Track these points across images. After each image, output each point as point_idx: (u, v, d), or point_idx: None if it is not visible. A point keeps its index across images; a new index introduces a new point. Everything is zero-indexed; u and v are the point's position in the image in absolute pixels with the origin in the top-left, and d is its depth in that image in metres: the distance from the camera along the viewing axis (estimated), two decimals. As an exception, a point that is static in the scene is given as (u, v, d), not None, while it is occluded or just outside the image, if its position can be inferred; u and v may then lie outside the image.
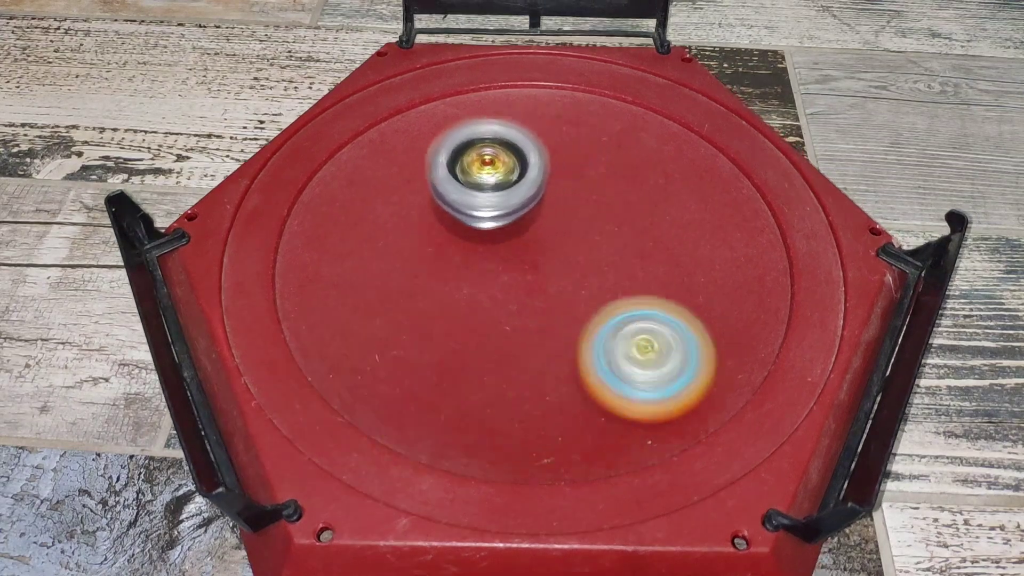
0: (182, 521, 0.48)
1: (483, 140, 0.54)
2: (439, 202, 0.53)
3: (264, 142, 0.67)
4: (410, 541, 0.41)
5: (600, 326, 0.47)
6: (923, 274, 0.52)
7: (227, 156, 0.67)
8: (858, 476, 0.44)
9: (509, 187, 0.53)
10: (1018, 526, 0.48)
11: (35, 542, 0.47)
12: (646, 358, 0.45)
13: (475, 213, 0.52)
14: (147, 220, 0.53)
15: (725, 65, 0.75)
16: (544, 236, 0.54)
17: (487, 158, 0.53)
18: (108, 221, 0.57)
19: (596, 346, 0.46)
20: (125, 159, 0.67)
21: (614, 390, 0.45)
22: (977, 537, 0.48)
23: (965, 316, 0.58)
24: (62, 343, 0.55)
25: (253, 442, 0.44)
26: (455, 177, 0.53)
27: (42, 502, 0.48)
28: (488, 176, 0.53)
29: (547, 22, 0.76)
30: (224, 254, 0.52)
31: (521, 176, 0.53)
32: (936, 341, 0.57)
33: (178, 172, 0.66)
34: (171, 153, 0.67)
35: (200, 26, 0.78)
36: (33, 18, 0.79)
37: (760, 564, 0.41)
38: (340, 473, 0.43)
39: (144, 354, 0.55)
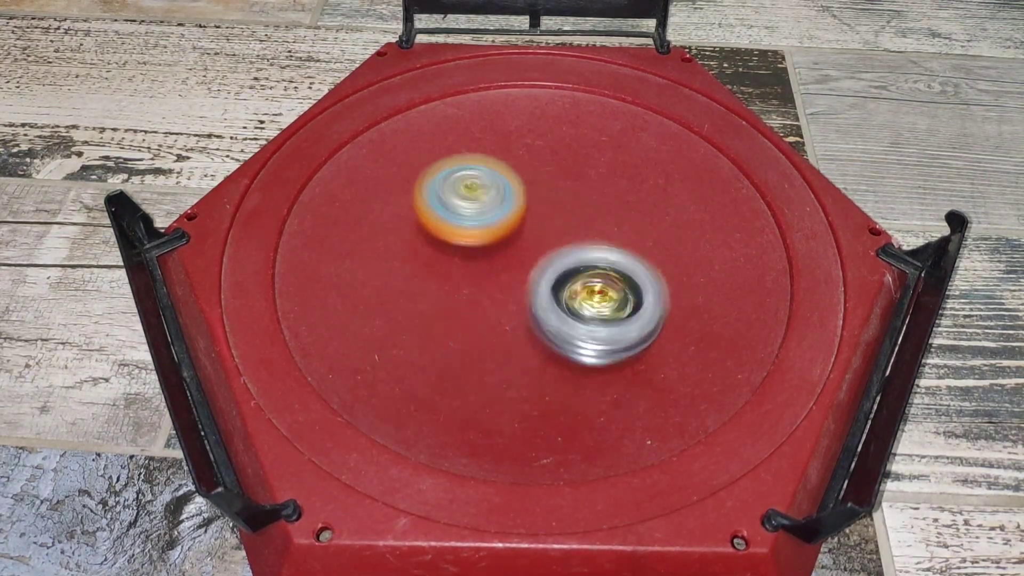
0: (182, 521, 0.48)
1: (594, 268, 0.51)
2: (537, 332, 0.49)
3: (264, 142, 0.67)
4: (409, 541, 0.41)
5: (431, 176, 0.55)
6: (923, 274, 0.52)
7: (227, 156, 0.67)
8: (858, 476, 0.44)
9: (619, 322, 0.48)
10: (1018, 526, 0.48)
11: (35, 542, 0.47)
12: (472, 195, 0.54)
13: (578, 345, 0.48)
14: (147, 220, 0.53)
15: (725, 65, 0.75)
16: (544, 236, 0.54)
17: (596, 288, 0.50)
18: (108, 221, 0.57)
19: (429, 189, 0.54)
20: (125, 159, 0.67)
21: (446, 220, 0.53)
22: (977, 537, 0.48)
23: (965, 316, 0.58)
24: (62, 343, 0.55)
25: (252, 442, 0.44)
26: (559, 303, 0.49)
27: (42, 502, 0.48)
28: (597, 308, 0.49)
29: (547, 22, 0.76)
30: (224, 254, 0.52)
31: (635, 311, 0.49)
32: (936, 341, 0.57)
33: (178, 172, 0.66)
34: (171, 153, 0.67)
35: (200, 26, 0.78)
36: (33, 18, 0.79)
37: (759, 564, 0.41)
38: (339, 473, 0.43)
39: (144, 354, 0.55)
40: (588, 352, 0.48)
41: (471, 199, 0.53)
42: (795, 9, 0.81)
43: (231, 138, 0.69)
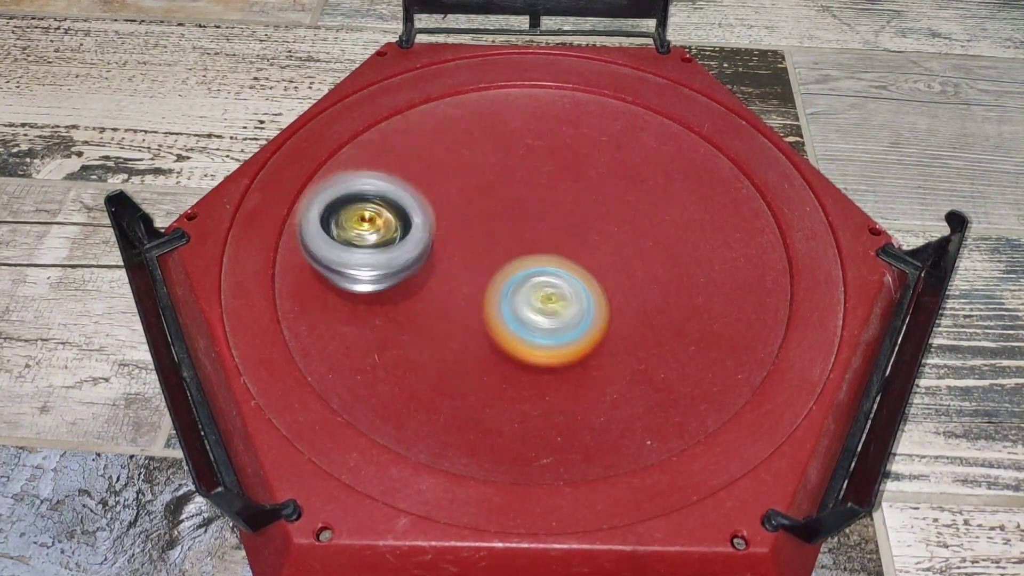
0: (182, 521, 0.48)
1: (364, 197, 0.51)
2: (309, 259, 0.50)
3: (264, 142, 0.67)
4: (409, 541, 0.41)
5: (504, 281, 0.50)
6: (923, 274, 0.52)
7: (227, 156, 0.67)
8: (857, 476, 0.44)
9: (390, 247, 0.49)
10: (1018, 526, 0.48)
11: (35, 542, 0.47)
12: (548, 308, 0.48)
13: (351, 272, 0.49)
14: (147, 220, 0.53)
15: (725, 65, 0.75)
16: (544, 236, 0.54)
17: (367, 215, 0.50)
18: (108, 221, 0.57)
19: (502, 298, 0.49)
20: (125, 159, 0.67)
21: (519, 336, 0.48)
22: (977, 537, 0.48)
23: (965, 316, 0.58)
24: (62, 343, 0.55)
25: (252, 442, 0.44)
26: (329, 234, 0.49)
27: (42, 502, 0.48)
28: (368, 234, 0.50)
29: (547, 22, 0.76)
30: (224, 254, 0.52)
31: (404, 236, 0.50)
32: (936, 341, 0.57)
33: (178, 172, 0.66)
34: (171, 153, 0.67)
35: (200, 26, 0.78)
36: (33, 18, 0.79)
37: (759, 564, 0.41)
38: (339, 473, 0.43)
39: (144, 354, 0.55)
40: (362, 278, 0.49)
41: (549, 314, 0.48)
42: (795, 9, 0.81)
43: (231, 138, 0.69)
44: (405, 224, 0.51)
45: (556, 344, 0.47)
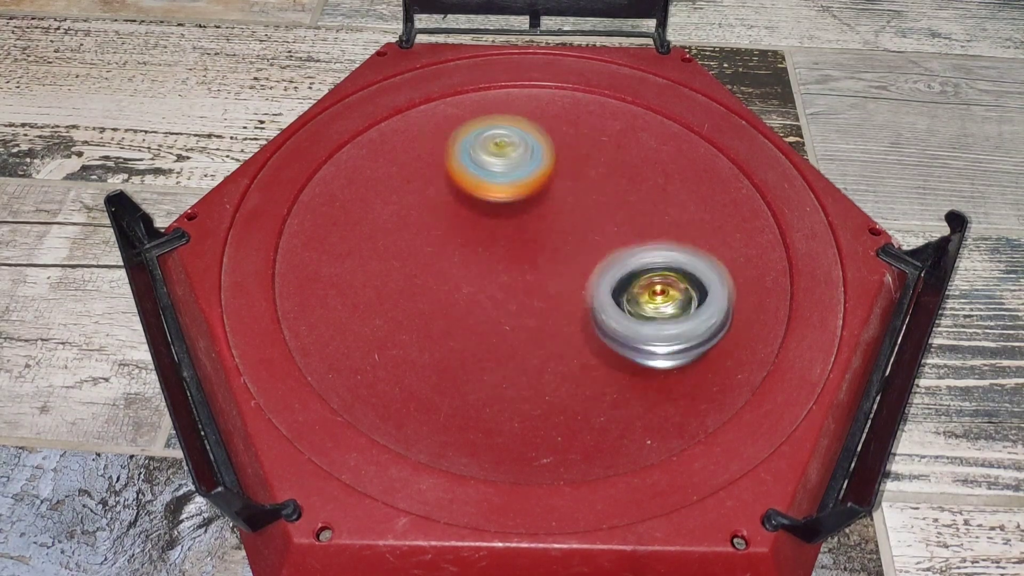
0: (182, 521, 0.48)
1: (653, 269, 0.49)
2: (601, 335, 0.48)
3: (264, 142, 0.67)
4: (409, 541, 0.41)
5: (463, 136, 0.56)
6: (923, 274, 0.52)
7: (227, 156, 0.67)
8: (857, 476, 0.44)
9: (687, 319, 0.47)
10: (1018, 526, 0.48)
11: (35, 542, 0.47)
12: (501, 151, 0.55)
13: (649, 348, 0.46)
14: (147, 220, 0.53)
15: (725, 65, 0.75)
16: (544, 236, 0.54)
17: (658, 288, 0.48)
18: (108, 221, 0.57)
19: (462, 147, 0.56)
20: (125, 159, 0.67)
21: (476, 175, 0.54)
22: (977, 537, 0.48)
23: (965, 316, 0.58)
24: (62, 343, 0.55)
25: (252, 442, 0.44)
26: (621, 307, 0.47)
27: (42, 502, 0.48)
28: (664, 307, 0.48)
29: (547, 22, 0.76)
30: (224, 254, 0.52)
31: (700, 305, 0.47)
32: (936, 341, 0.57)
33: (178, 172, 0.66)
34: (171, 153, 0.67)
35: (200, 26, 0.78)
36: (33, 18, 0.79)
37: (759, 564, 0.41)
38: (339, 473, 0.43)
39: (144, 354, 0.55)
40: (659, 352, 0.46)
41: (500, 156, 0.55)
42: (795, 9, 0.81)
43: (231, 138, 0.69)
44: (701, 294, 0.47)
45: (508, 180, 0.54)
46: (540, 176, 0.55)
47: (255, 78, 0.73)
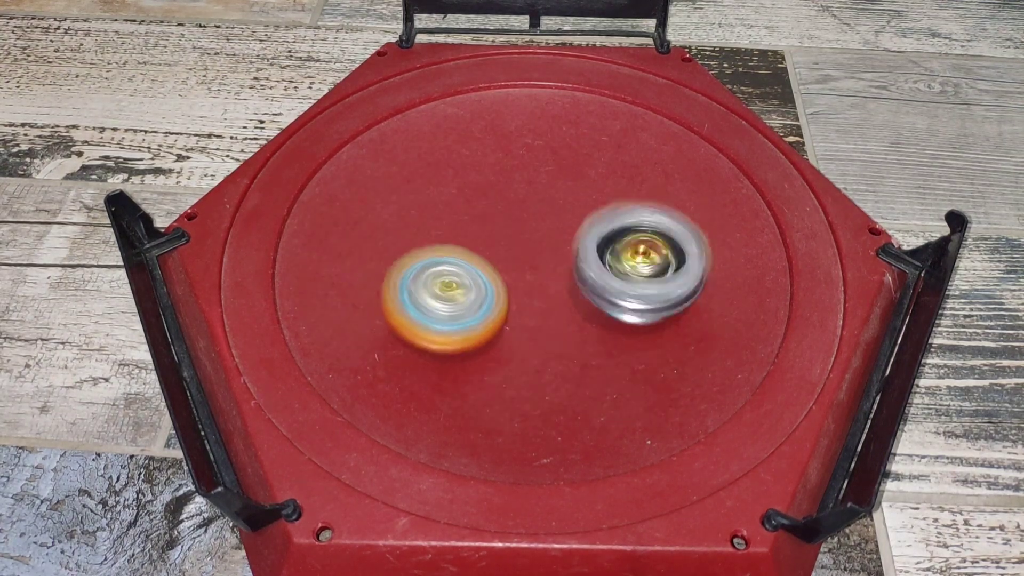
0: (182, 521, 0.48)
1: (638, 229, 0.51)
2: (581, 285, 0.50)
3: (264, 142, 0.67)
4: (409, 541, 0.41)
5: (403, 270, 0.49)
6: (923, 274, 0.52)
7: (227, 156, 0.67)
8: (857, 476, 0.44)
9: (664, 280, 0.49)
10: (1018, 526, 0.48)
11: (35, 542, 0.47)
12: (448, 295, 0.48)
13: (624, 304, 0.49)
14: (147, 220, 0.53)
15: (725, 65, 0.75)
16: (544, 236, 0.54)
17: (641, 248, 0.50)
18: (108, 221, 0.57)
19: (401, 285, 0.48)
20: (125, 159, 0.67)
21: (417, 322, 0.47)
22: (977, 537, 0.48)
23: (965, 316, 0.58)
24: (62, 343, 0.55)
25: (252, 441, 0.44)
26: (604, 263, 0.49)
27: (42, 502, 0.48)
28: (643, 267, 0.50)
29: (547, 22, 0.76)
30: (224, 254, 0.52)
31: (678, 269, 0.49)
32: (936, 341, 0.57)
33: (178, 172, 0.66)
34: (171, 153, 0.67)
35: (200, 26, 0.78)
36: (33, 18, 0.79)
37: (759, 564, 0.41)
38: (339, 473, 0.43)
39: (144, 354, 0.55)
40: (627, 307, 0.49)
41: (447, 300, 0.48)
42: (795, 9, 0.81)
43: (231, 138, 0.69)
44: (679, 258, 0.50)
45: (455, 330, 0.47)
46: (492, 325, 0.48)
47: (255, 78, 0.73)
